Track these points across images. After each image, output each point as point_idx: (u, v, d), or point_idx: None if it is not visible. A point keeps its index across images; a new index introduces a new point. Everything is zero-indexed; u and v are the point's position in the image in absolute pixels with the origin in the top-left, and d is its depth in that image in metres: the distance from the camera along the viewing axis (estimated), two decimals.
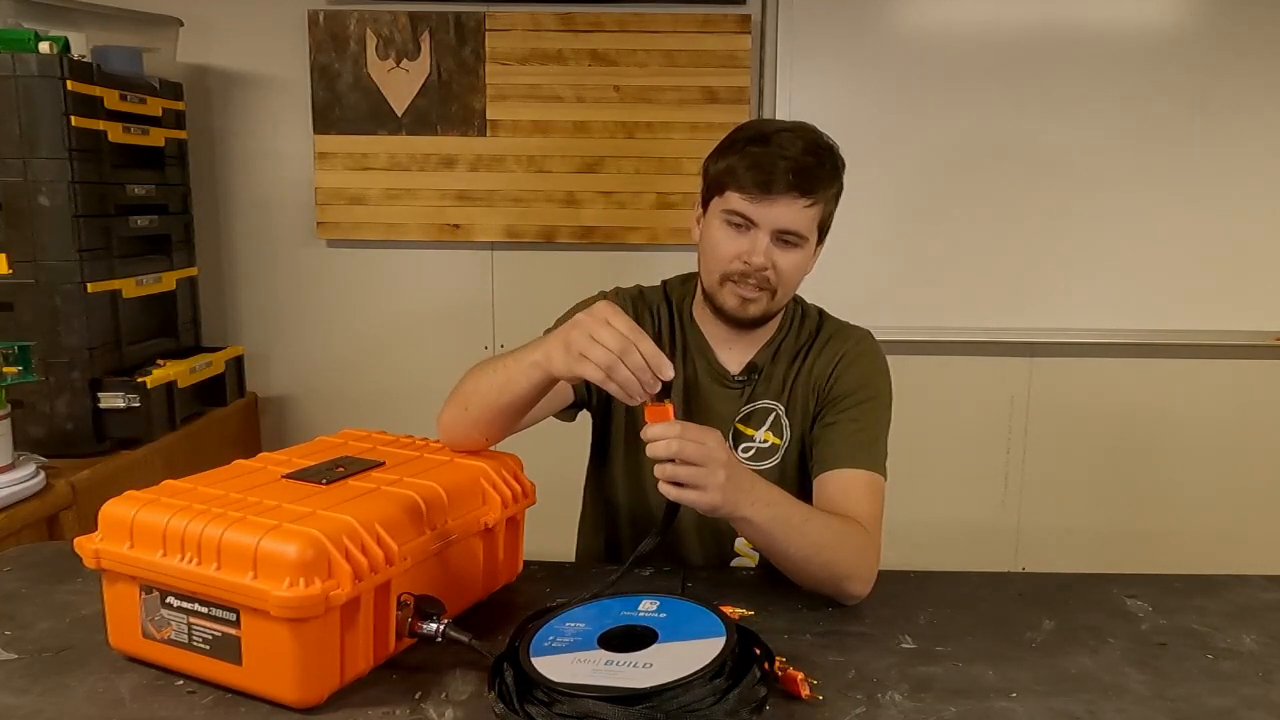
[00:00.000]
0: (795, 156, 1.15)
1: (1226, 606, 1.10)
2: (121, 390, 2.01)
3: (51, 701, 0.87)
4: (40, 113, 1.90)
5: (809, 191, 1.16)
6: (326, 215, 2.54)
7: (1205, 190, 2.47)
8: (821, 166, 1.17)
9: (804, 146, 1.17)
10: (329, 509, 0.90)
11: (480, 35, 2.46)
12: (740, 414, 1.29)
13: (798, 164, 1.15)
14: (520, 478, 1.13)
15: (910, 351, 2.57)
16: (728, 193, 1.19)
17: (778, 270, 1.20)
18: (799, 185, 1.15)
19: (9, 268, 1.80)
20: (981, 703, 0.88)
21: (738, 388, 1.30)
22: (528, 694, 0.82)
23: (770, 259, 1.18)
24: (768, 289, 1.21)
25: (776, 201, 1.16)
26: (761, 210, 1.17)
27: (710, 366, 1.31)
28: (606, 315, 0.93)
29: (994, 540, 2.68)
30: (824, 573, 1.08)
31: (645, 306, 1.35)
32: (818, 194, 1.17)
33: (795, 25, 2.44)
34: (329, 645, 0.86)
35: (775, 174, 1.15)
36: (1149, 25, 2.42)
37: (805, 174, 1.15)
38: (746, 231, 1.19)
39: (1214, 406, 2.61)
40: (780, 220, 1.17)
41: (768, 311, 1.24)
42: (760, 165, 1.15)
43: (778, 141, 1.16)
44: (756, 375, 1.30)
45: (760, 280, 1.20)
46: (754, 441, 1.29)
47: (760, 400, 1.30)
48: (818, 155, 1.17)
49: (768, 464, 1.29)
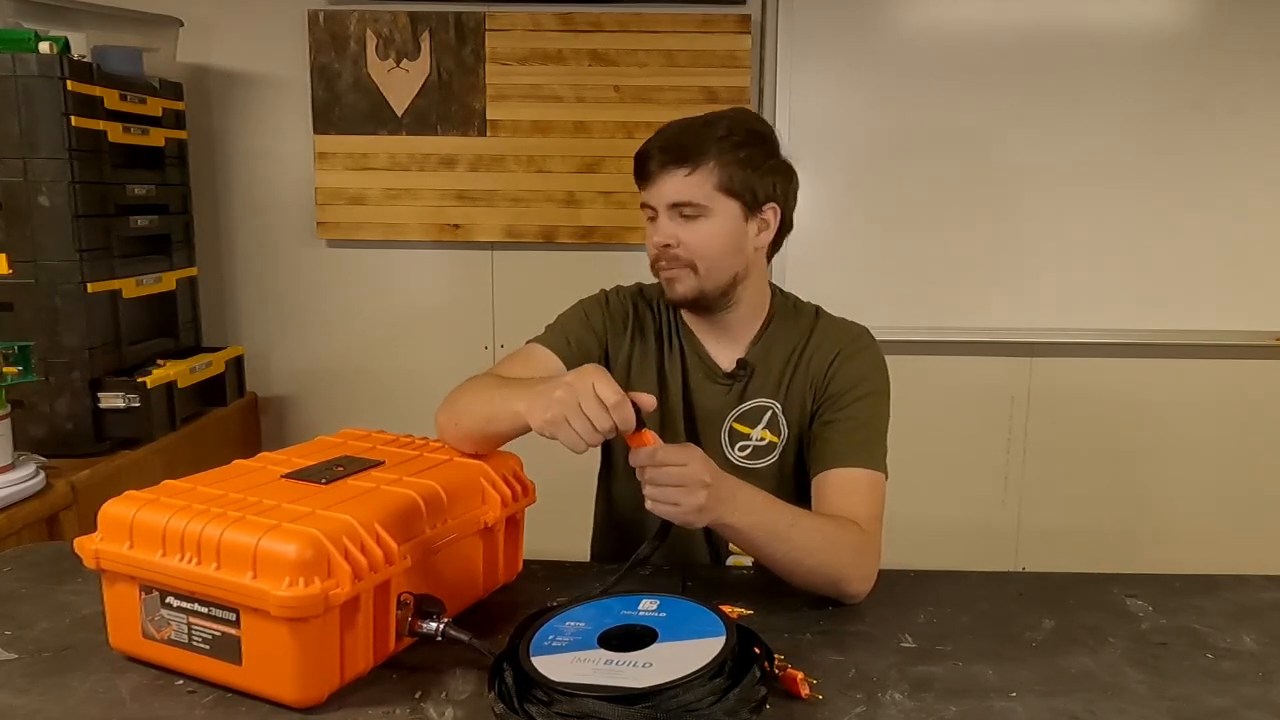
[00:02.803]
0: (666, 136, 1.22)
1: (1226, 606, 1.10)
2: (121, 390, 2.01)
3: (51, 701, 0.87)
4: (40, 113, 1.90)
5: (684, 160, 1.20)
6: (326, 215, 2.54)
7: (1205, 190, 2.47)
8: (694, 135, 1.21)
9: (683, 126, 1.22)
10: (328, 508, 0.90)
11: (480, 35, 2.46)
12: (736, 412, 1.29)
13: (666, 142, 1.21)
14: (520, 477, 1.13)
15: (910, 351, 2.57)
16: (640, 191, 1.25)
17: (684, 243, 1.22)
18: (673, 158, 1.20)
19: (9, 268, 1.80)
20: (981, 702, 0.88)
21: (729, 384, 1.30)
22: (528, 693, 0.82)
23: (672, 234, 1.22)
24: (684, 264, 1.22)
25: (657, 179, 1.22)
26: (651, 193, 1.23)
27: (702, 363, 1.31)
28: (594, 380, 0.94)
29: (994, 540, 2.68)
30: (817, 575, 1.08)
31: (645, 303, 1.35)
32: (694, 160, 1.20)
33: (795, 25, 2.45)
34: (329, 645, 0.86)
35: (651, 153, 1.22)
36: (1149, 26, 2.42)
37: (676, 147, 1.20)
38: (655, 220, 1.24)
39: (1214, 406, 2.61)
40: (667, 195, 1.21)
41: (702, 289, 1.24)
42: (640, 155, 1.23)
43: (662, 129, 1.23)
44: (748, 372, 1.30)
45: (670, 258, 1.23)
46: (751, 440, 1.29)
47: (755, 398, 1.29)
48: (692, 128, 1.22)
49: (766, 462, 1.28)
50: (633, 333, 1.33)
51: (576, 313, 1.35)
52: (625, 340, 1.33)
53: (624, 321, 1.33)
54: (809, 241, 2.52)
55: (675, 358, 1.32)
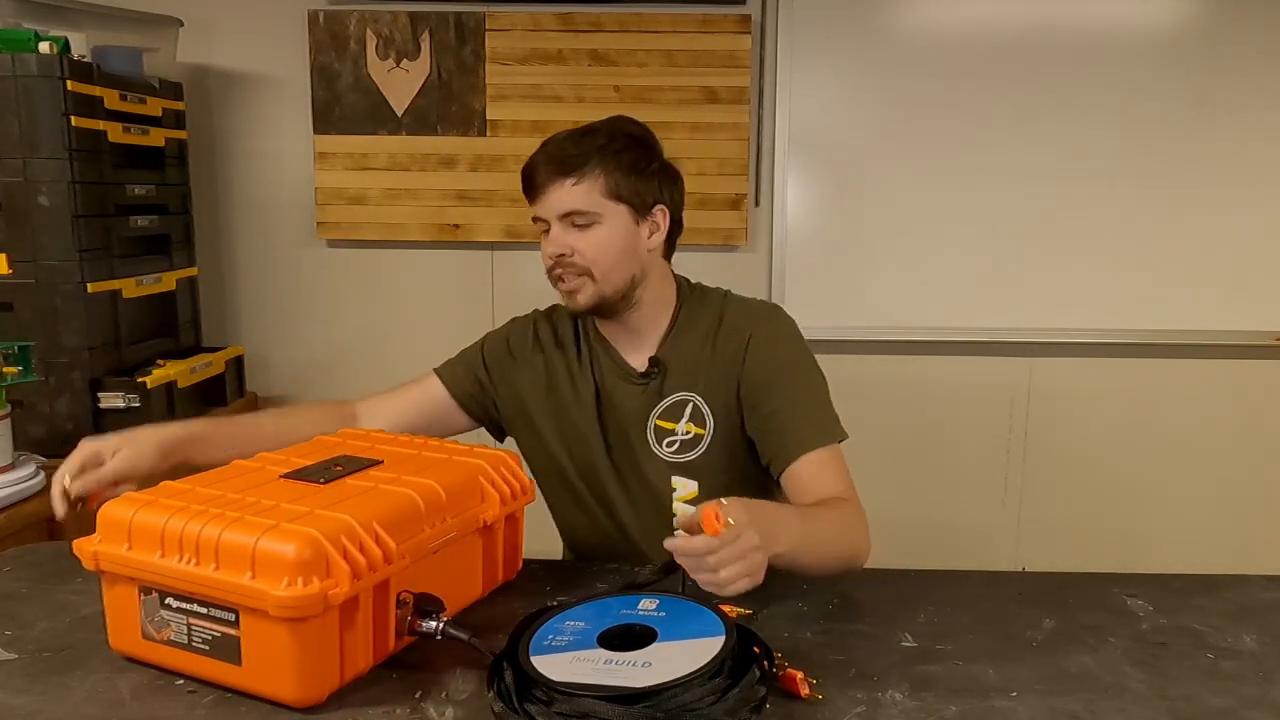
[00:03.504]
0: (550, 149, 1.24)
1: (1226, 606, 1.10)
2: (121, 390, 2.01)
3: (51, 701, 0.87)
4: (40, 113, 1.90)
5: (569, 170, 1.23)
6: (326, 215, 2.54)
7: (1205, 190, 2.47)
8: (577, 145, 1.24)
9: (564, 137, 1.25)
10: (327, 508, 0.90)
11: (480, 35, 2.46)
12: (657, 410, 1.31)
13: (550, 154, 1.24)
14: (519, 474, 1.13)
15: (910, 351, 2.57)
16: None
17: (578, 251, 1.24)
18: (558, 169, 1.23)
19: (9, 268, 1.80)
20: (982, 702, 0.88)
21: (644, 383, 1.31)
22: (527, 693, 0.82)
23: (566, 244, 1.24)
24: (580, 273, 1.25)
25: (544, 191, 1.24)
26: (541, 205, 1.25)
27: (616, 367, 1.33)
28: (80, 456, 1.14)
29: (994, 540, 2.68)
30: (838, 562, 1.11)
31: (556, 321, 1.40)
32: (579, 169, 1.23)
33: (795, 25, 2.45)
34: (328, 644, 0.86)
35: (536, 170, 1.25)
36: (1149, 25, 2.42)
37: (559, 158, 1.23)
38: (548, 232, 1.26)
39: (1214, 406, 2.61)
40: (556, 206, 1.24)
41: (602, 296, 1.26)
42: (527, 169, 1.26)
43: (546, 142, 1.26)
44: (661, 369, 1.31)
45: (566, 265, 1.24)
46: (676, 435, 1.30)
47: (674, 393, 1.31)
48: (574, 138, 1.24)
49: (694, 454, 1.30)
50: (545, 353, 1.37)
51: (476, 347, 1.43)
52: (535, 364, 1.37)
53: (527, 348, 1.38)
54: (809, 241, 2.52)
55: (593, 365, 1.35)
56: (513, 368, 1.38)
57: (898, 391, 2.58)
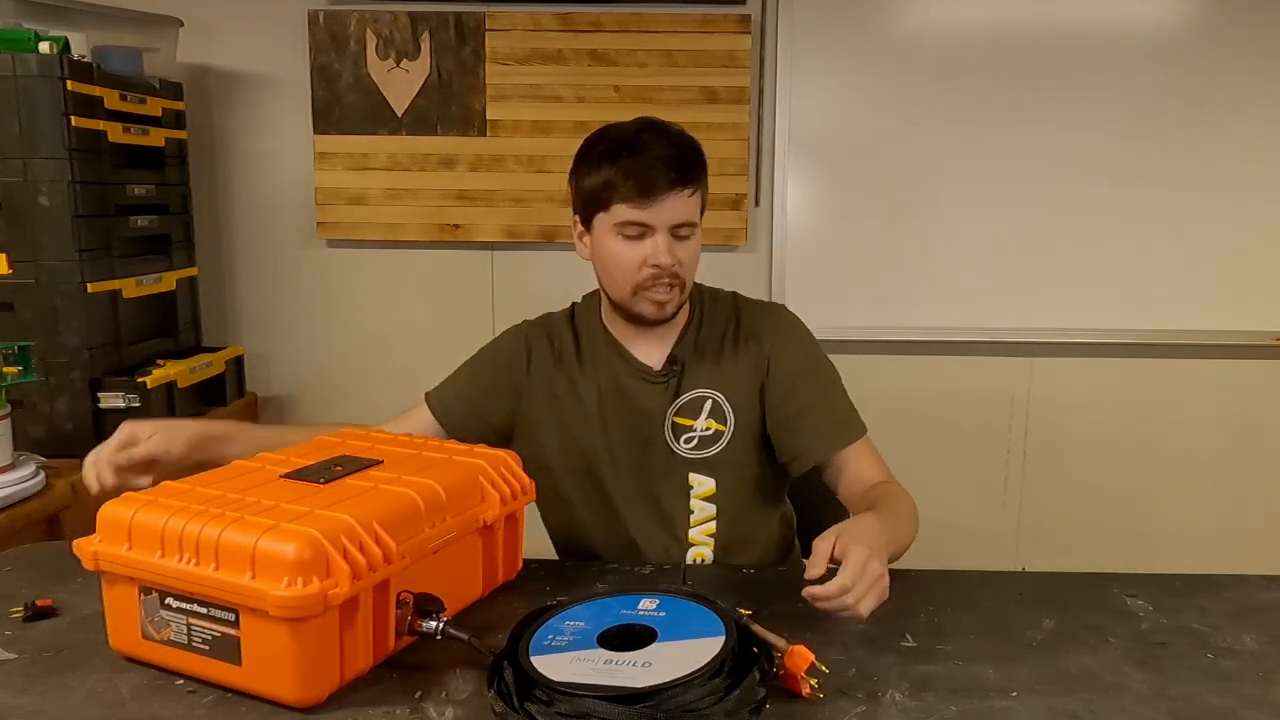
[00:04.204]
0: (666, 153, 1.21)
1: (1226, 606, 1.10)
2: (121, 390, 2.01)
3: (51, 701, 0.87)
4: (40, 113, 1.90)
5: (689, 180, 1.22)
6: (326, 215, 2.54)
7: (1205, 190, 2.47)
8: (691, 152, 1.23)
9: (669, 141, 1.22)
10: (327, 508, 0.90)
11: (480, 35, 2.46)
12: (674, 407, 1.31)
13: (671, 159, 1.21)
14: (519, 474, 1.13)
15: (910, 351, 2.57)
16: (614, 206, 1.22)
17: (682, 263, 1.24)
18: (680, 178, 1.21)
19: (9, 268, 1.80)
20: (982, 701, 0.88)
21: (663, 382, 1.32)
22: (527, 693, 0.82)
23: (676, 255, 1.23)
24: (678, 284, 1.25)
25: (665, 200, 1.20)
26: (653, 213, 1.21)
27: (631, 367, 1.33)
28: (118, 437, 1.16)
29: (994, 540, 2.68)
30: (909, 543, 1.17)
31: (546, 330, 1.39)
32: (696, 180, 1.23)
33: (795, 25, 2.45)
34: (328, 644, 0.86)
35: (656, 173, 1.20)
36: (1148, 26, 2.42)
37: (682, 166, 1.21)
38: (642, 238, 1.23)
39: (1214, 406, 2.61)
40: (673, 216, 1.22)
41: (680, 304, 1.30)
42: (638, 171, 1.20)
43: (644, 144, 1.21)
44: (679, 367, 1.32)
45: (671, 277, 1.24)
46: (695, 430, 1.31)
47: (692, 390, 1.32)
48: (684, 145, 1.23)
49: (713, 450, 1.31)
50: (548, 365, 1.36)
51: (466, 372, 1.40)
52: (540, 375, 1.36)
53: (524, 364, 1.37)
54: (809, 241, 2.52)
55: (603, 368, 1.34)
56: (505, 386, 1.37)
57: (898, 391, 2.58)
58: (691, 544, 1.33)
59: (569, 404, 1.34)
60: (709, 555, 1.33)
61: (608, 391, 1.33)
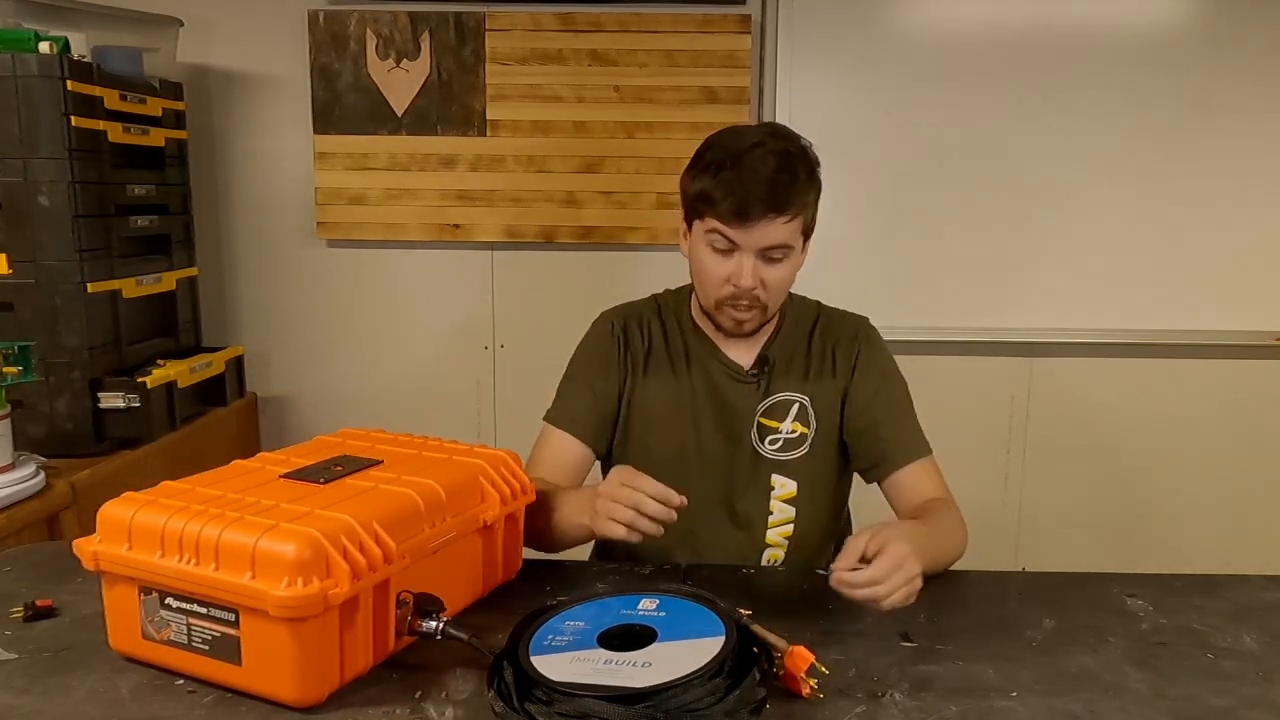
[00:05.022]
0: (768, 177, 1.16)
1: (1226, 606, 1.10)
2: (121, 390, 2.01)
3: (51, 701, 0.87)
4: (40, 113, 1.90)
5: (785, 208, 1.18)
6: (326, 215, 2.54)
7: (1205, 190, 2.47)
8: (795, 179, 1.18)
9: (776, 163, 1.17)
10: (327, 508, 0.90)
11: (480, 35, 2.46)
12: (763, 406, 1.32)
13: (771, 184, 1.16)
14: (519, 474, 1.13)
15: (910, 351, 2.55)
16: (708, 217, 1.20)
17: (766, 286, 1.22)
18: (775, 205, 1.17)
19: (9, 268, 1.80)
20: (982, 702, 0.88)
21: (753, 382, 1.33)
22: (527, 693, 0.82)
23: (758, 278, 1.21)
24: (759, 305, 1.24)
25: (756, 224, 1.17)
26: (742, 234, 1.18)
27: (723, 365, 1.33)
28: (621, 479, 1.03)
29: (994, 540, 2.68)
30: (949, 562, 1.19)
31: (635, 321, 1.37)
32: (794, 207, 1.19)
33: (795, 25, 2.44)
34: (328, 644, 0.86)
35: (751, 198, 1.16)
36: (1149, 26, 2.42)
37: (779, 193, 1.17)
38: (731, 254, 1.21)
39: (1214, 406, 2.61)
40: (763, 241, 1.19)
41: (763, 323, 1.30)
42: (735, 191, 1.16)
43: (749, 162, 1.17)
44: (770, 368, 1.33)
45: (750, 299, 1.23)
46: (780, 433, 1.32)
47: (780, 393, 1.32)
48: (790, 168, 1.18)
49: (797, 453, 1.32)
50: (644, 362, 1.35)
51: (579, 383, 1.36)
52: (635, 375, 1.35)
53: (621, 351, 1.35)
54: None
55: (696, 365, 1.34)
56: (613, 376, 1.35)
57: None
58: (768, 545, 1.34)
59: (663, 397, 1.34)
60: (781, 557, 1.34)
61: (700, 387, 1.33)
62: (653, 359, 1.35)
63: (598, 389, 1.34)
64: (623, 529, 1.01)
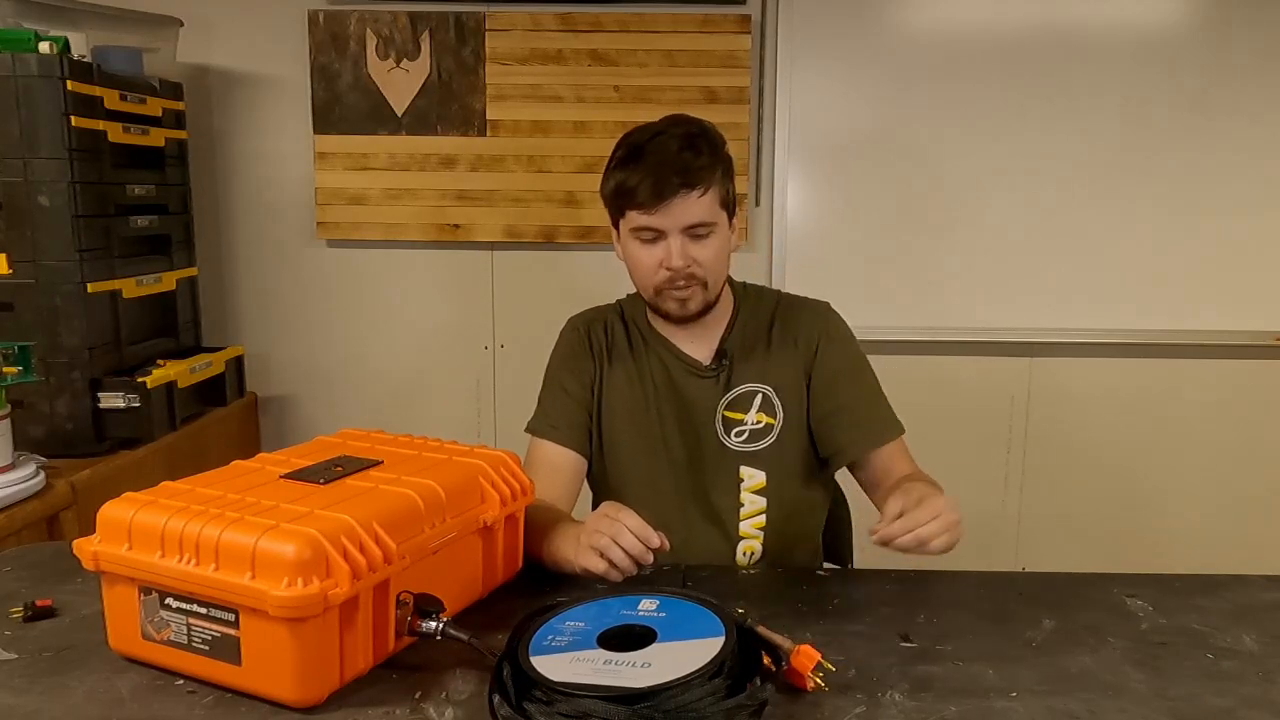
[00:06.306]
0: (674, 156, 1.21)
1: (1226, 606, 1.10)
2: (121, 390, 2.01)
3: (51, 701, 0.87)
4: (40, 113, 1.90)
5: (696, 183, 1.21)
6: (326, 215, 2.54)
7: (1205, 190, 2.47)
8: (699, 154, 1.22)
9: (678, 144, 1.22)
10: (327, 508, 0.90)
11: (480, 35, 2.46)
12: (725, 400, 1.33)
13: (676, 163, 1.20)
14: (519, 475, 1.13)
15: (910, 351, 2.57)
16: (628, 212, 1.24)
17: (699, 263, 1.25)
18: (686, 181, 1.20)
19: (9, 268, 1.80)
20: (982, 702, 0.88)
21: (713, 376, 1.34)
22: (527, 693, 0.82)
23: (688, 256, 1.23)
24: (697, 282, 1.26)
25: (671, 204, 1.21)
26: (661, 218, 1.22)
27: (680, 362, 1.35)
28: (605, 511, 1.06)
29: (994, 540, 2.68)
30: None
31: (599, 323, 1.40)
32: (705, 182, 1.22)
33: (795, 25, 2.44)
34: (328, 645, 0.86)
35: (661, 180, 1.20)
36: (1148, 26, 2.42)
37: (687, 169, 1.21)
38: (657, 241, 1.24)
39: (1214, 406, 2.61)
40: (682, 219, 1.22)
41: (707, 301, 1.29)
42: (645, 178, 1.21)
43: (653, 149, 1.22)
44: (728, 361, 1.34)
45: (687, 277, 1.25)
46: (745, 424, 1.33)
47: (742, 385, 1.33)
48: (694, 147, 1.22)
49: (764, 443, 1.33)
50: (607, 359, 1.38)
51: (554, 388, 1.38)
52: (601, 370, 1.37)
53: (591, 358, 1.38)
54: (808, 241, 2.52)
55: (655, 363, 1.36)
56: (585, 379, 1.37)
57: (898, 391, 2.54)
58: (742, 537, 1.35)
59: (627, 395, 1.36)
60: (758, 549, 1.35)
61: (661, 385, 1.35)
62: (615, 357, 1.38)
63: (571, 390, 1.37)
64: (602, 562, 1.03)
